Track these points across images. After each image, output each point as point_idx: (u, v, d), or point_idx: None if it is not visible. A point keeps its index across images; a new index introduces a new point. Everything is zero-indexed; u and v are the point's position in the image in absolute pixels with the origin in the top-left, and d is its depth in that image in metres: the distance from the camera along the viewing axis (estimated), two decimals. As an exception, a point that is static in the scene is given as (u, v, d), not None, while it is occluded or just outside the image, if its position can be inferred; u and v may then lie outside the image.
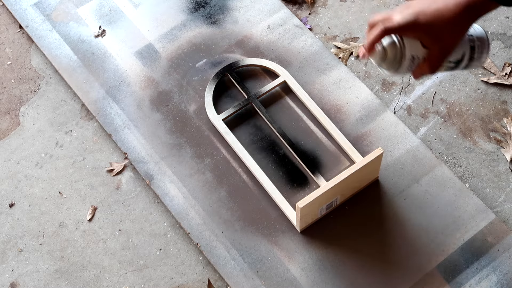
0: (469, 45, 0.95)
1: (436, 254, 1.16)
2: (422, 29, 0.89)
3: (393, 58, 0.92)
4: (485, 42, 0.97)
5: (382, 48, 0.92)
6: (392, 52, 0.92)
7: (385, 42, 0.92)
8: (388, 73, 0.95)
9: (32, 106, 1.34)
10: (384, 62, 0.93)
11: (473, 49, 0.95)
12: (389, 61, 0.93)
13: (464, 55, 0.95)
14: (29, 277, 1.19)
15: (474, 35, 0.96)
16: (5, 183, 1.27)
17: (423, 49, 0.91)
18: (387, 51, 0.92)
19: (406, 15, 0.89)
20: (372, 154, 1.14)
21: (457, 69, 0.98)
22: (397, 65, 0.92)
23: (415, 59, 0.92)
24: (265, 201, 1.22)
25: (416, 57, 0.92)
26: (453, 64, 0.96)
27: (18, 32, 1.43)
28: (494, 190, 1.24)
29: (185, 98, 1.32)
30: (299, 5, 1.45)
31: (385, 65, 0.94)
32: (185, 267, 1.19)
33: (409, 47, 0.91)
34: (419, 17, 0.89)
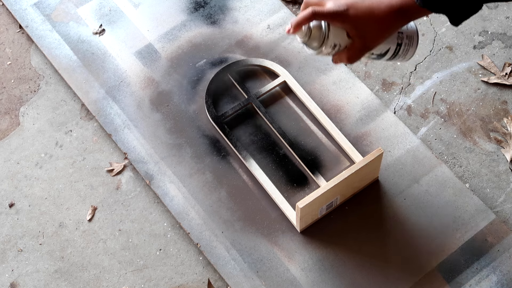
0: (396, 42, 0.97)
1: (436, 254, 1.16)
2: (349, 21, 0.90)
3: (316, 40, 0.94)
4: (415, 41, 0.98)
5: (308, 28, 0.94)
6: (316, 34, 0.93)
7: (312, 24, 0.94)
8: (310, 52, 0.97)
9: (32, 106, 1.34)
10: (308, 41, 0.95)
11: (399, 46, 0.97)
12: (312, 41, 0.94)
13: (388, 50, 0.97)
14: (29, 277, 1.19)
15: (404, 32, 0.97)
16: (5, 183, 1.27)
17: (347, 39, 0.93)
18: (312, 32, 0.94)
19: (338, 5, 0.90)
20: (372, 154, 1.14)
21: (378, 60, 1.00)
22: (319, 47, 0.94)
23: (337, 46, 0.94)
24: (265, 201, 1.22)
25: (338, 44, 0.93)
26: (375, 56, 0.98)
27: (18, 32, 1.43)
28: (494, 190, 1.24)
29: (185, 98, 1.32)
30: (299, 5, 1.45)
31: (308, 44, 0.95)
32: (185, 267, 1.19)
33: (334, 34, 0.93)
34: (350, 9, 0.90)
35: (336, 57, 0.95)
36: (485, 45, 1.38)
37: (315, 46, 0.94)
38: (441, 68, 1.36)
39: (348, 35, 0.92)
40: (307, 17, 0.91)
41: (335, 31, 0.92)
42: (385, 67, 1.36)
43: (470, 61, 1.36)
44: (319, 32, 0.93)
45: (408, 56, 0.99)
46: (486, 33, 1.40)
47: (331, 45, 0.93)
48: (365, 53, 0.94)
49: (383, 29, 0.91)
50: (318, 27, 0.93)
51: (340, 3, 0.90)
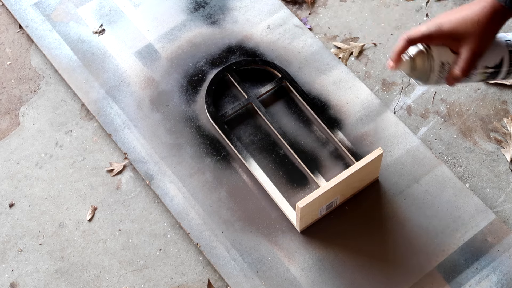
0: (508, 50, 0.95)
1: (436, 254, 1.16)
2: (446, 35, 0.92)
3: (422, 67, 0.93)
4: None
5: (409, 57, 0.93)
6: (420, 60, 0.93)
7: (412, 52, 0.93)
8: (422, 83, 0.96)
9: (32, 106, 1.34)
10: (415, 71, 0.94)
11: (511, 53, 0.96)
12: (419, 69, 0.93)
13: (503, 60, 0.95)
14: (29, 277, 1.19)
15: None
16: (5, 183, 1.27)
17: (453, 55, 0.92)
18: (415, 59, 0.93)
19: (430, 25, 0.92)
20: (372, 154, 1.14)
21: (498, 76, 0.97)
22: (428, 73, 0.93)
23: (445, 65, 0.93)
24: (265, 201, 1.22)
25: (446, 63, 0.93)
26: (492, 69, 0.96)
27: (18, 32, 1.43)
28: (494, 190, 1.24)
29: (185, 98, 1.32)
30: (299, 5, 1.45)
31: (416, 74, 0.94)
32: (185, 267, 1.19)
33: (437, 53, 0.92)
34: (444, 24, 0.92)
35: (450, 75, 0.94)
36: (485, 45, 1.38)
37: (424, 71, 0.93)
38: (441, 68, 1.36)
39: (452, 51, 0.92)
40: (402, 45, 0.92)
41: (437, 50, 0.92)
42: (385, 67, 1.36)
43: (470, 61, 1.36)
44: (422, 57, 0.92)
45: None
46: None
47: (439, 65, 0.92)
48: (476, 60, 0.93)
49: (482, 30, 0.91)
50: (418, 51, 0.92)
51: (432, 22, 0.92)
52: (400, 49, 0.93)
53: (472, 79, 0.96)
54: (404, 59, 0.93)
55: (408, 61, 0.93)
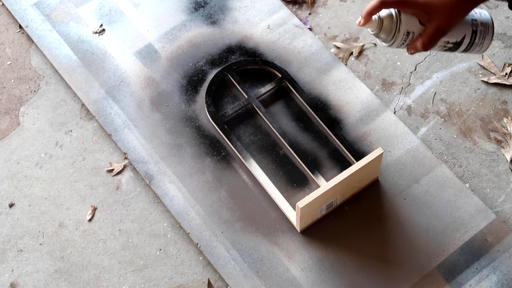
0: (471, 29, 0.96)
1: (436, 254, 1.16)
2: (419, 6, 0.91)
3: (388, 30, 0.94)
4: (490, 29, 0.97)
5: (379, 18, 0.94)
6: (388, 23, 0.94)
7: (382, 14, 0.94)
8: (384, 43, 0.97)
9: (32, 106, 1.34)
10: (380, 32, 0.95)
11: (474, 33, 0.96)
12: (384, 32, 0.94)
13: (464, 38, 0.96)
14: (29, 277, 1.19)
15: (478, 20, 0.96)
16: (5, 183, 1.27)
17: (420, 26, 0.93)
18: (384, 22, 0.94)
19: None
20: (372, 154, 1.14)
21: (456, 51, 0.99)
22: (392, 37, 0.94)
23: (410, 34, 0.94)
24: (265, 201, 1.22)
25: (411, 32, 0.93)
26: (452, 45, 0.97)
27: (18, 32, 1.43)
28: (494, 190, 1.24)
29: (185, 98, 1.32)
30: (299, 5, 1.45)
31: (380, 35, 0.95)
32: (185, 267, 1.19)
33: (405, 22, 0.93)
34: None
35: (411, 45, 0.95)
36: (485, 45, 1.38)
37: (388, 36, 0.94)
38: (441, 68, 1.36)
39: (420, 22, 0.92)
40: (376, 6, 0.92)
41: (406, 19, 0.92)
42: (385, 67, 1.36)
43: (470, 61, 1.36)
44: (390, 21, 0.93)
45: (485, 46, 0.98)
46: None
47: (404, 33, 0.93)
48: (439, 38, 0.93)
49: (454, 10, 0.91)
50: (388, 15, 0.93)
51: None
52: (372, 9, 0.92)
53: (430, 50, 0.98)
54: (374, 18, 0.94)
55: (377, 21, 0.94)
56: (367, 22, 0.93)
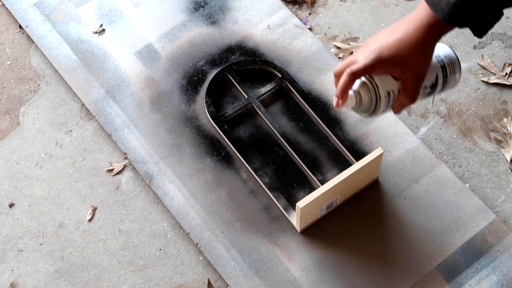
0: (439, 65, 0.94)
1: (436, 254, 1.16)
2: (388, 63, 0.89)
3: (369, 100, 0.91)
4: (455, 60, 0.95)
5: (354, 92, 0.91)
6: (366, 93, 0.91)
7: (355, 86, 0.91)
8: (367, 116, 0.94)
9: (32, 106, 1.34)
10: (361, 105, 0.92)
11: (444, 69, 0.95)
12: (365, 103, 0.92)
13: (438, 77, 0.94)
14: (29, 277, 1.19)
15: (441, 55, 0.95)
16: (5, 183, 1.27)
17: (396, 82, 0.90)
18: (361, 94, 0.91)
19: (368, 54, 0.89)
20: (372, 154, 1.14)
21: (434, 93, 0.97)
22: (374, 105, 0.91)
23: (391, 94, 0.91)
24: (265, 201, 1.22)
25: (391, 91, 0.91)
26: (429, 89, 0.95)
27: (18, 32, 1.43)
28: (494, 190, 1.24)
29: (185, 98, 1.32)
30: (299, 5, 1.45)
31: (362, 108, 0.93)
32: (185, 267, 1.19)
33: (381, 84, 0.90)
34: (382, 51, 0.88)
35: (396, 104, 0.92)
36: (485, 45, 1.38)
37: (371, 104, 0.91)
38: (441, 68, 1.36)
39: (394, 78, 0.90)
40: (348, 81, 0.89)
41: (381, 80, 0.90)
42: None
43: (470, 61, 1.36)
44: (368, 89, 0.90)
45: (457, 77, 0.96)
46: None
47: (385, 95, 0.90)
48: (421, 83, 0.91)
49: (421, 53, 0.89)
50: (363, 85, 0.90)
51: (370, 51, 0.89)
52: (345, 86, 0.89)
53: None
54: (350, 95, 0.91)
55: (355, 96, 0.91)
56: (345, 100, 0.90)
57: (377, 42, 0.90)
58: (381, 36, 0.91)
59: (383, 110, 0.92)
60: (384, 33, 0.91)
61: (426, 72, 0.91)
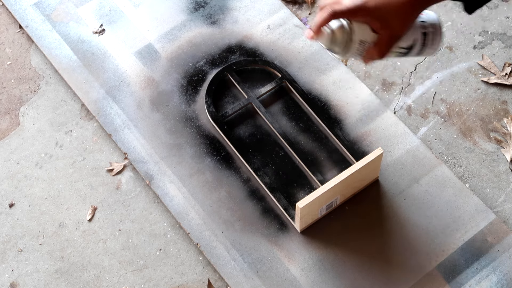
0: (421, 32, 0.94)
1: (436, 254, 1.16)
2: (370, 14, 0.89)
3: (341, 41, 0.91)
4: (438, 29, 0.95)
5: (330, 31, 0.91)
6: (340, 35, 0.91)
7: (333, 25, 0.91)
8: (338, 56, 0.94)
9: (32, 106, 1.34)
10: (333, 45, 0.92)
11: (425, 36, 0.95)
12: (338, 44, 0.92)
13: (416, 41, 0.95)
14: (29, 277, 1.19)
15: (427, 21, 0.95)
16: (5, 183, 1.27)
17: (372, 34, 0.91)
18: (336, 34, 0.91)
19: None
20: (372, 154, 1.14)
21: (409, 55, 0.97)
22: (346, 48, 0.92)
23: (364, 43, 0.91)
24: (265, 201, 1.22)
25: (365, 41, 0.91)
26: (405, 50, 0.95)
27: (18, 32, 1.43)
28: (494, 190, 1.24)
29: (185, 98, 1.32)
30: (299, 5, 1.45)
31: (334, 48, 0.93)
32: (185, 267, 1.19)
33: (358, 31, 0.90)
34: (368, 1, 0.88)
35: (367, 55, 0.93)
36: (485, 45, 1.38)
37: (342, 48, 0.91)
38: (441, 68, 1.36)
39: (372, 30, 0.90)
40: (327, 18, 0.88)
41: (358, 28, 0.90)
42: (385, 67, 1.36)
43: (470, 61, 1.37)
44: (343, 32, 0.90)
45: (435, 45, 0.96)
46: (486, 33, 1.40)
47: (358, 42, 0.90)
48: (394, 43, 0.91)
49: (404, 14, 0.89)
50: (340, 26, 0.90)
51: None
52: (323, 22, 0.89)
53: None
54: (325, 31, 0.91)
55: (329, 34, 0.91)
56: (318, 35, 0.90)
57: None
58: None
59: (353, 55, 0.93)
60: None
61: (403, 34, 0.91)
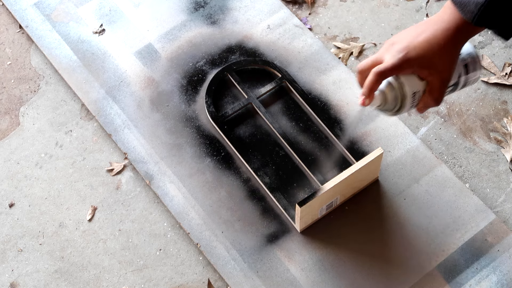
0: (462, 65, 0.94)
1: (436, 254, 1.16)
2: (415, 64, 0.88)
3: (393, 100, 0.91)
4: (476, 58, 0.95)
5: (380, 92, 0.91)
6: (391, 94, 0.91)
7: (381, 86, 0.90)
8: (390, 114, 0.94)
9: (32, 106, 1.34)
10: (386, 105, 0.92)
11: (466, 68, 0.94)
12: (390, 103, 0.91)
13: (461, 76, 0.94)
14: (29, 277, 1.19)
15: (464, 53, 0.94)
16: (5, 183, 1.27)
17: (421, 82, 0.90)
18: (386, 93, 0.91)
19: (395, 54, 0.88)
20: (372, 154, 1.14)
21: (456, 90, 0.97)
22: (399, 105, 0.91)
23: (416, 94, 0.90)
24: (265, 201, 1.22)
25: (416, 92, 0.90)
26: (452, 87, 0.95)
27: (18, 32, 1.43)
28: (494, 190, 1.24)
29: (185, 98, 1.32)
30: (299, 5, 1.45)
31: (386, 107, 0.92)
32: (185, 267, 1.19)
33: (407, 84, 0.90)
34: (410, 52, 0.87)
35: (421, 105, 0.92)
36: (485, 45, 1.38)
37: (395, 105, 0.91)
38: (441, 68, 1.36)
39: (420, 78, 0.89)
40: (374, 81, 0.87)
41: (406, 80, 0.89)
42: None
43: (470, 61, 1.36)
44: (393, 90, 0.90)
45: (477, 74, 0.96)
46: (486, 33, 1.40)
47: (410, 96, 0.90)
48: (446, 86, 0.90)
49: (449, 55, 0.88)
50: (388, 86, 0.90)
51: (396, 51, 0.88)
52: (372, 86, 0.88)
53: None
54: (376, 95, 0.90)
55: (380, 96, 0.91)
56: (371, 100, 0.89)
57: (404, 41, 0.88)
58: (407, 35, 0.89)
59: (407, 109, 0.92)
60: (410, 32, 0.89)
61: (452, 74, 0.90)
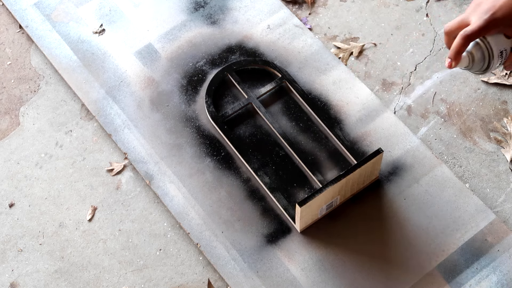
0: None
1: (436, 254, 1.16)
2: (502, 23, 0.89)
3: (481, 59, 0.92)
4: None
5: (468, 53, 0.92)
6: (478, 54, 0.92)
7: (469, 47, 0.92)
8: (480, 73, 0.95)
9: (32, 106, 1.34)
10: (474, 65, 0.93)
11: None
12: (478, 63, 0.92)
13: None
14: (29, 277, 1.19)
15: None
16: (5, 183, 1.27)
17: (508, 40, 0.91)
18: (474, 54, 0.92)
19: (482, 15, 0.89)
20: (372, 154, 1.14)
21: None
22: (487, 64, 0.92)
23: (503, 52, 0.92)
24: (265, 201, 1.22)
25: (503, 50, 0.91)
26: None
27: (18, 32, 1.43)
28: (494, 190, 1.24)
29: (185, 98, 1.32)
30: (299, 5, 1.45)
31: (475, 67, 0.93)
32: (185, 267, 1.19)
33: (495, 44, 0.91)
34: (496, 12, 0.89)
35: (508, 62, 0.93)
36: (485, 45, 1.38)
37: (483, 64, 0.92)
38: (441, 68, 1.36)
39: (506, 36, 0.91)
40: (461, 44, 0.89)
41: (494, 40, 0.90)
42: (385, 67, 1.36)
43: (470, 61, 1.36)
44: (481, 50, 0.91)
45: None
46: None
47: (498, 55, 0.91)
48: None
49: None
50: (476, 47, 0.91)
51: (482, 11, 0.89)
52: (460, 48, 0.90)
53: None
54: (462, 56, 0.92)
55: (468, 57, 0.92)
56: (458, 62, 0.91)
57: (489, 1, 0.90)
58: None
59: (495, 68, 0.93)
60: None
61: None
